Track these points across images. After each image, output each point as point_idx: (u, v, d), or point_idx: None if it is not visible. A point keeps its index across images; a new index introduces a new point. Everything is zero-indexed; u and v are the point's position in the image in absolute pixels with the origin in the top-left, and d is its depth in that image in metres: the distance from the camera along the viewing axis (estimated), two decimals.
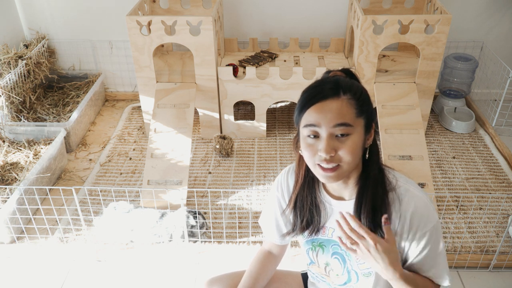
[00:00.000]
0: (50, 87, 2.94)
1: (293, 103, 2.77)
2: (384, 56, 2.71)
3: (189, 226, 1.80)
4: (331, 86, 0.92)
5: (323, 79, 0.96)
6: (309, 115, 0.91)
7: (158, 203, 1.97)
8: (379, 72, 2.48)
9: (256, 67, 2.54)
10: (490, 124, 2.64)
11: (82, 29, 2.87)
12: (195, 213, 1.84)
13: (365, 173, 0.99)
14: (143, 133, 2.67)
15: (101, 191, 2.17)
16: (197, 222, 1.81)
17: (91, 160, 2.46)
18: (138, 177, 2.30)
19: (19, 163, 2.21)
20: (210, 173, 2.33)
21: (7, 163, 2.19)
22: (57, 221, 1.97)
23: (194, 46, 2.28)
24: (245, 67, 2.51)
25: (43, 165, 2.11)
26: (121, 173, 2.33)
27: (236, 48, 2.80)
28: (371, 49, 2.25)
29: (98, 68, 3.00)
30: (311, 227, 1.07)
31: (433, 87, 2.37)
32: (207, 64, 2.34)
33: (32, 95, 2.69)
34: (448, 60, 2.68)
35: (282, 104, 2.93)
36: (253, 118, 2.62)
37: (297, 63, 2.65)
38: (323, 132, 0.91)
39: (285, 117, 2.81)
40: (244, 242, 1.87)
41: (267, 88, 2.42)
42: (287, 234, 1.14)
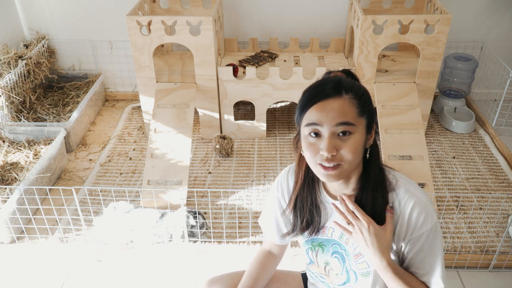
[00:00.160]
0: (50, 87, 2.94)
1: (293, 103, 2.77)
2: (384, 56, 2.71)
3: (189, 226, 1.80)
4: (333, 85, 0.92)
5: (325, 79, 0.96)
6: (311, 114, 0.91)
7: (158, 203, 1.97)
8: (379, 72, 2.48)
9: (256, 67, 2.54)
10: (490, 124, 2.64)
11: (82, 29, 2.87)
12: (195, 213, 1.84)
13: (366, 173, 0.99)
14: (143, 133, 2.67)
15: (101, 191, 2.17)
16: (197, 222, 1.81)
17: (91, 160, 2.46)
18: (138, 177, 2.30)
19: (19, 163, 2.21)
20: (210, 173, 2.33)
21: (7, 163, 2.19)
22: (57, 221, 1.97)
23: (194, 46, 2.28)
24: (245, 67, 2.51)
25: (43, 165, 2.11)
26: (121, 173, 2.33)
27: (236, 48, 2.80)
28: (371, 49, 2.25)
29: (98, 68, 3.00)
30: (311, 228, 1.08)
31: (433, 87, 2.37)
32: (207, 64, 2.34)
33: (32, 95, 2.69)
34: (448, 60, 2.68)
35: (282, 104, 2.93)
36: (253, 118, 2.62)
37: (297, 63, 2.65)
38: (324, 131, 0.91)
39: (285, 117, 2.81)
40: (244, 242, 1.87)
41: (267, 88, 2.42)
42: (287, 234, 1.14)
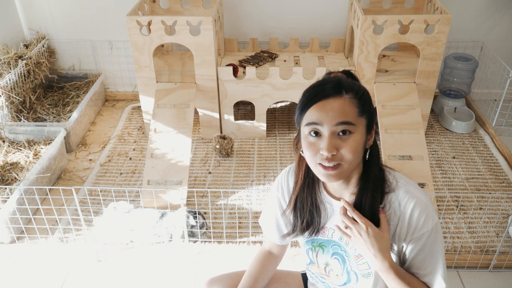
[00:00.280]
0: (50, 87, 2.94)
1: (293, 103, 2.77)
2: (384, 56, 2.71)
3: (189, 226, 1.80)
4: (333, 85, 0.92)
5: (325, 79, 0.96)
6: (311, 114, 0.91)
7: (158, 203, 1.97)
8: (379, 72, 2.48)
9: (256, 67, 2.54)
10: (490, 124, 2.64)
11: (82, 29, 2.87)
12: (195, 213, 1.83)
13: (366, 174, 0.99)
14: (143, 133, 2.67)
15: (101, 191, 2.17)
16: (197, 222, 1.81)
17: (91, 160, 2.46)
18: (138, 177, 2.30)
19: (19, 163, 2.21)
20: (210, 173, 2.33)
21: (7, 163, 2.19)
22: (57, 221, 1.97)
23: (194, 46, 2.28)
24: (245, 67, 2.51)
25: (43, 165, 2.11)
26: (121, 173, 2.33)
27: (236, 48, 2.80)
28: (371, 49, 2.25)
29: (98, 68, 3.00)
30: (311, 228, 1.07)
31: (433, 87, 2.37)
32: (207, 64, 2.34)
33: (32, 95, 2.69)
34: (448, 60, 2.68)
35: (282, 104, 2.93)
36: (253, 118, 2.62)
37: (297, 63, 2.65)
38: (325, 130, 0.91)
39: (285, 117, 2.81)
40: (244, 242, 1.87)
41: (267, 88, 2.42)
42: (288, 235, 1.14)
